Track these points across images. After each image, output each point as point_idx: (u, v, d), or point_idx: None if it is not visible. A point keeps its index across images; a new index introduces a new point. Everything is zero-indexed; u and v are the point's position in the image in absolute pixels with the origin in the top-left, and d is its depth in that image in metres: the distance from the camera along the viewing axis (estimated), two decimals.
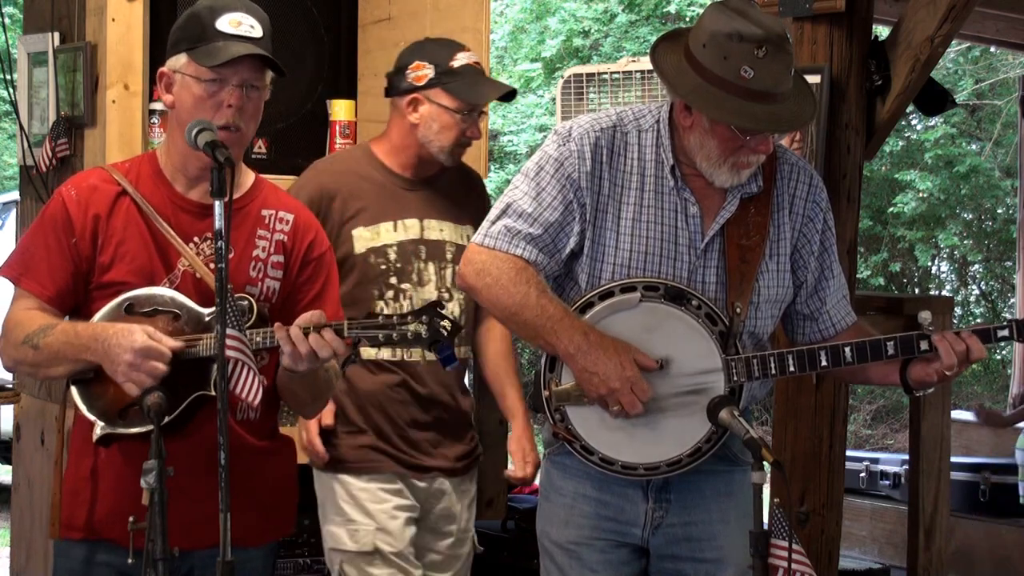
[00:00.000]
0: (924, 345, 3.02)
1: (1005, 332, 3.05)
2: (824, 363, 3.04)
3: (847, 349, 3.04)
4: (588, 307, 3.03)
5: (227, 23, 2.91)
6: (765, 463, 2.78)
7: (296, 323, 2.84)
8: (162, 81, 2.99)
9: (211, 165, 2.89)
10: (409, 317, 2.80)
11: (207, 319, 2.91)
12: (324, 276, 3.11)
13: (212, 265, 2.95)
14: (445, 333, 2.80)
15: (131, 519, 2.76)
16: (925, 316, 3.02)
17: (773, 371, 3.04)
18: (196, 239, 2.98)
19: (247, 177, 3.09)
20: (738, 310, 3.04)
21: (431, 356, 2.95)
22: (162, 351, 2.82)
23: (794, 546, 2.85)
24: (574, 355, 2.97)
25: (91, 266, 2.96)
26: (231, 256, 2.96)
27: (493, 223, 3.10)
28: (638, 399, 2.95)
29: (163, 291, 2.94)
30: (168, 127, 3.07)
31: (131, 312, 2.92)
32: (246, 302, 2.92)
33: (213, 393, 2.88)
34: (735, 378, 3.02)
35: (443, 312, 2.82)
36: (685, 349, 3.01)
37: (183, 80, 2.93)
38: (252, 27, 2.93)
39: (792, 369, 3.05)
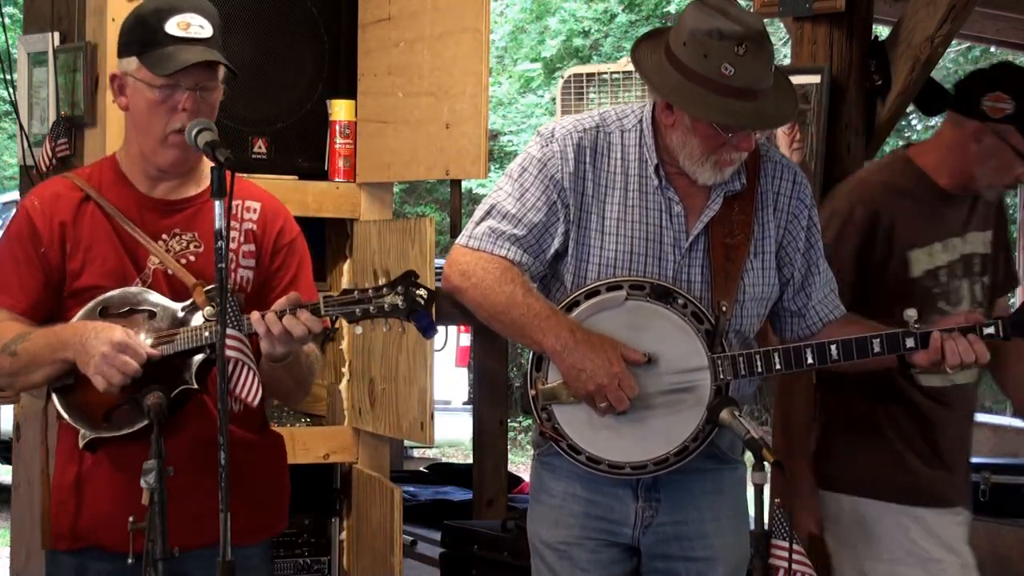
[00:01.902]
0: (910, 342, 3.02)
1: (991, 330, 3.03)
2: (810, 361, 3.04)
3: (833, 347, 3.03)
4: (574, 306, 3.03)
5: (175, 26, 2.88)
6: (765, 463, 2.78)
7: (272, 308, 2.83)
8: (114, 83, 2.96)
9: (173, 168, 2.93)
10: (384, 289, 2.78)
11: (181, 314, 2.91)
12: (296, 262, 3.10)
13: (184, 260, 2.96)
14: (422, 302, 2.77)
15: (131, 519, 2.75)
16: (911, 314, 3.02)
17: (759, 369, 3.04)
18: (164, 236, 2.97)
19: (207, 170, 3.05)
20: (724, 308, 3.05)
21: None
22: (138, 350, 2.82)
23: (794, 546, 2.85)
24: (560, 352, 2.97)
25: (62, 275, 2.95)
26: (201, 251, 2.97)
27: (477, 224, 3.10)
28: (625, 395, 2.95)
29: (136, 290, 2.93)
30: (125, 129, 3.05)
31: (106, 315, 2.91)
32: (227, 293, 2.91)
33: (195, 387, 2.88)
34: (721, 376, 3.02)
35: (418, 281, 2.79)
36: (671, 347, 3.01)
37: (135, 84, 2.91)
38: (201, 27, 2.90)
39: (779, 367, 3.05)
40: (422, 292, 2.78)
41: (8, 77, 4.33)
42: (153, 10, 2.91)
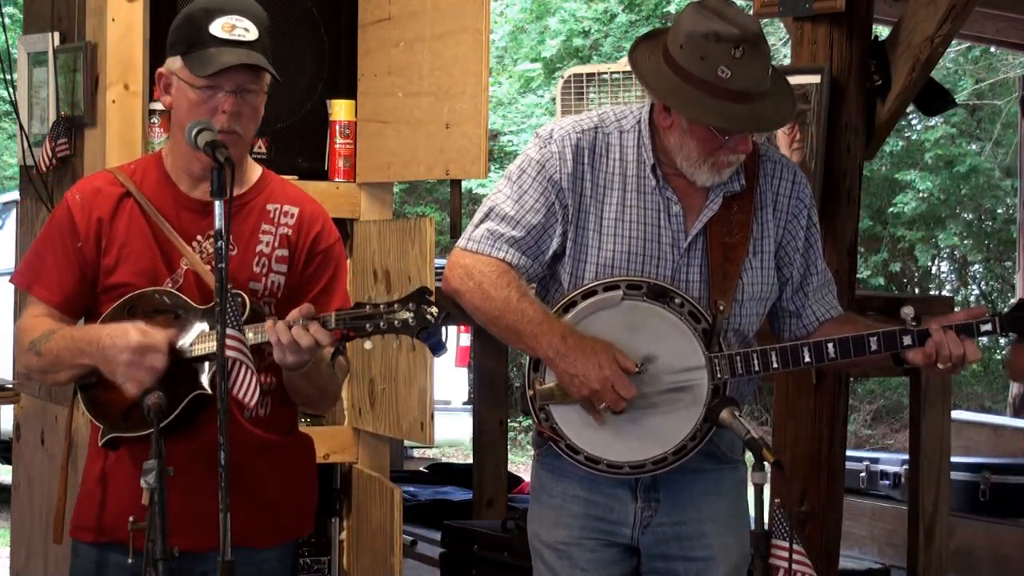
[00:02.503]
0: (907, 340, 3.02)
1: (988, 327, 3.03)
2: (807, 359, 3.04)
3: (830, 345, 3.03)
4: (571, 306, 3.03)
5: (220, 28, 2.89)
6: (765, 463, 2.78)
7: (288, 317, 2.84)
8: (160, 82, 2.98)
9: (212, 164, 2.90)
10: (396, 305, 2.77)
11: (203, 319, 2.91)
12: (332, 269, 3.09)
13: (212, 264, 2.96)
14: (432, 320, 2.76)
15: (131, 519, 2.76)
16: (907, 312, 3.02)
17: (756, 368, 3.04)
18: (199, 237, 2.98)
19: (252, 172, 3.09)
20: (721, 308, 3.05)
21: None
22: (158, 345, 2.83)
23: (794, 546, 2.84)
24: (553, 358, 2.97)
25: (96, 270, 2.97)
26: (234, 253, 2.97)
27: (476, 227, 3.10)
28: (621, 397, 2.95)
29: (164, 291, 2.95)
30: (170, 128, 3.07)
31: (134, 314, 2.92)
32: (240, 298, 2.91)
33: (209, 391, 2.89)
34: (718, 375, 3.02)
35: (430, 298, 2.78)
36: (668, 347, 3.01)
37: (179, 84, 2.93)
38: (247, 30, 2.91)
39: (776, 366, 3.05)
40: (433, 310, 2.76)
41: (8, 77, 4.33)
42: (201, 9, 2.92)
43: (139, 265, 2.96)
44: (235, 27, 2.90)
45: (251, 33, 2.91)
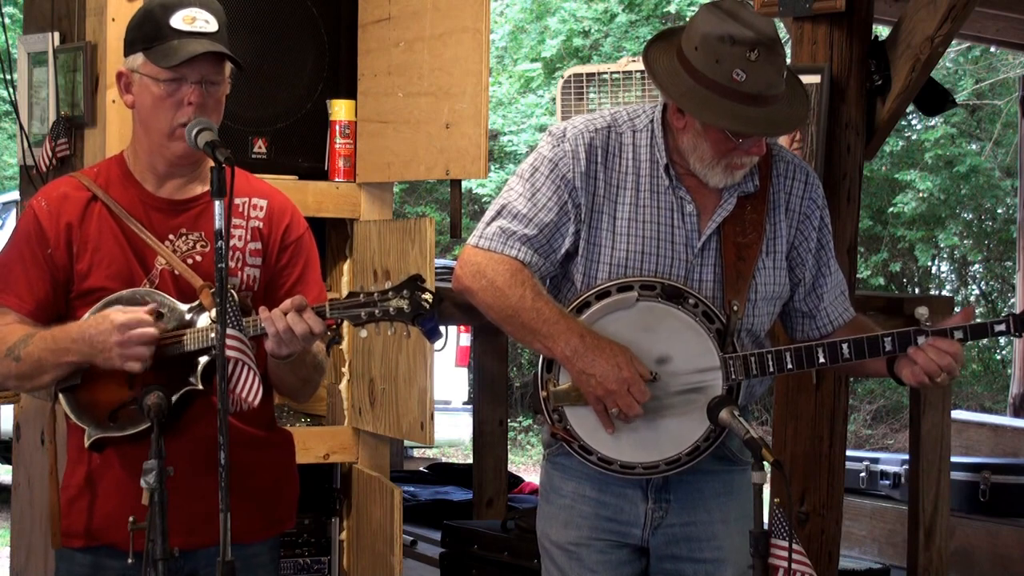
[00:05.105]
0: (922, 340, 3.02)
1: (1002, 327, 3.05)
2: (822, 360, 3.04)
3: (845, 346, 3.04)
4: (585, 307, 3.03)
5: (181, 20, 2.89)
6: (765, 463, 2.78)
7: (280, 308, 2.84)
8: (121, 81, 2.98)
9: (182, 161, 2.93)
10: (390, 293, 2.78)
11: (188, 316, 2.91)
12: (303, 259, 3.10)
13: (190, 260, 2.97)
14: (427, 306, 2.77)
15: (131, 519, 2.75)
16: (922, 312, 3.03)
17: (771, 369, 3.04)
18: (171, 236, 2.98)
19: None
20: (735, 308, 3.05)
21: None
22: (143, 318, 2.83)
23: (794, 546, 2.84)
24: (570, 357, 2.97)
25: (69, 275, 2.96)
26: (207, 250, 2.98)
27: (488, 224, 3.10)
28: (635, 400, 2.95)
29: (144, 291, 2.94)
30: (132, 127, 3.06)
31: None
32: (227, 295, 2.91)
33: (200, 387, 2.89)
34: (733, 376, 3.02)
35: (424, 285, 2.79)
36: (683, 348, 3.01)
37: (141, 80, 2.92)
38: (207, 22, 2.91)
39: (790, 367, 3.05)
40: (427, 296, 2.78)
41: (8, 77, 4.33)
42: (158, 5, 2.91)
43: (113, 268, 2.95)
44: (195, 19, 2.90)
45: (211, 25, 2.92)
